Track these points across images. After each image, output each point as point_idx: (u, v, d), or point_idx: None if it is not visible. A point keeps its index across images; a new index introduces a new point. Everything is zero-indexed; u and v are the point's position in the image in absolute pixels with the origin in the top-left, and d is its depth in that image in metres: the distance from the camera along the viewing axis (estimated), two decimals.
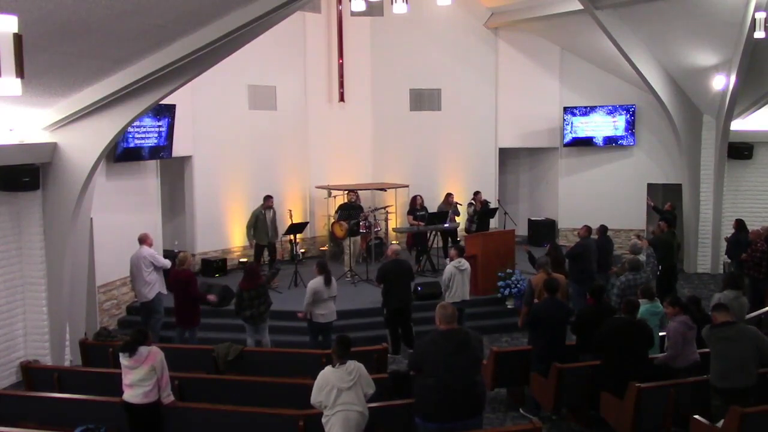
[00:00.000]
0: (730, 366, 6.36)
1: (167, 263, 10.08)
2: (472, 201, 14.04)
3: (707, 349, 7.27)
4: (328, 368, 5.86)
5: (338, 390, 5.70)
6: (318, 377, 5.85)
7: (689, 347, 7.26)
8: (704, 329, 6.71)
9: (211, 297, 9.73)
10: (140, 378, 6.31)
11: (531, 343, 8.17)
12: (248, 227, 12.91)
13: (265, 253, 13.06)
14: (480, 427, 5.84)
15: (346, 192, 13.98)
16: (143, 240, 9.98)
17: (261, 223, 12.83)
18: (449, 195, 14.01)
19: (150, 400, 6.35)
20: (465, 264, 9.91)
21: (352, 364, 5.83)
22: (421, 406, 5.62)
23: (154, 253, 10.07)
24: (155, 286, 9.92)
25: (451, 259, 10.16)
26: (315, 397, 5.80)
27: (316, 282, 9.21)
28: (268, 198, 13.00)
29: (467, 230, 13.79)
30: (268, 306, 9.39)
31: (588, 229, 11.09)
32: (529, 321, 7.97)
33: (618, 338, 7.01)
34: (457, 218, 13.91)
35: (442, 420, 5.55)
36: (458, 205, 13.93)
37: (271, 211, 13.02)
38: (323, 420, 5.77)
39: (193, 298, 9.45)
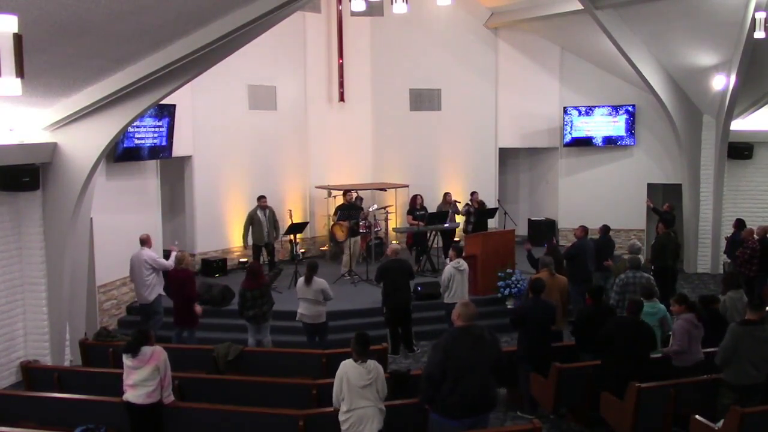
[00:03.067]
0: (754, 364, 6.42)
1: (169, 264, 9.88)
2: (468, 202, 14.04)
3: (712, 349, 7.30)
4: (349, 361, 5.90)
5: (354, 387, 5.75)
6: (338, 370, 5.90)
7: (694, 346, 7.26)
8: (734, 325, 6.63)
9: (198, 309, 9.62)
10: (144, 378, 6.32)
11: (517, 343, 8.15)
12: (244, 229, 12.91)
13: (264, 253, 13.05)
14: (487, 424, 5.90)
15: (344, 192, 13.95)
16: (144, 241, 9.95)
17: (256, 224, 12.82)
18: (447, 194, 14.00)
19: (153, 401, 6.35)
20: (464, 265, 9.93)
21: (372, 364, 5.90)
22: (441, 404, 5.63)
23: (155, 256, 10.03)
24: (155, 288, 9.88)
25: (450, 260, 10.17)
26: (336, 392, 5.87)
27: (299, 280, 9.39)
28: (261, 198, 12.98)
29: (465, 230, 13.79)
30: (271, 306, 9.40)
31: (584, 229, 11.06)
32: (514, 320, 7.97)
33: (619, 338, 7.00)
34: (457, 217, 13.90)
35: (458, 417, 5.58)
36: (457, 203, 13.92)
37: (267, 210, 13.00)
38: (341, 418, 5.81)
39: (189, 297, 9.42)
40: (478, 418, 5.68)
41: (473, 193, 14.13)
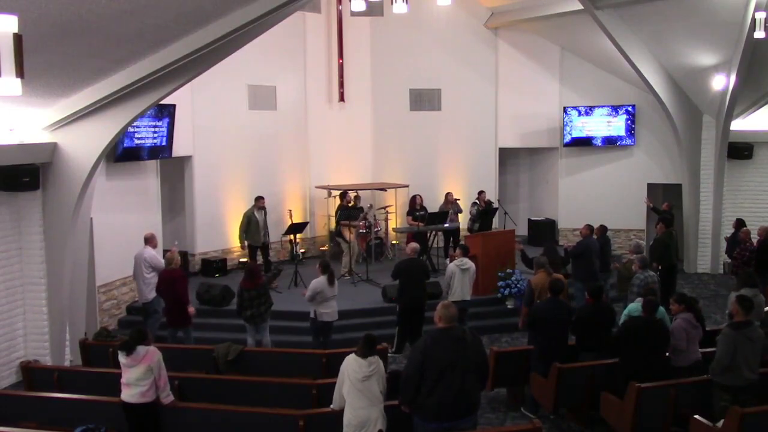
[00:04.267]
0: (746, 365, 6.44)
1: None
2: (476, 200, 14.05)
3: (709, 349, 7.30)
4: (351, 355, 5.97)
5: (354, 380, 5.81)
6: (342, 365, 5.97)
7: (692, 346, 7.27)
8: (727, 330, 6.64)
9: (191, 310, 9.58)
10: (137, 377, 6.32)
11: (531, 343, 8.17)
12: (240, 230, 12.89)
13: (259, 253, 13.04)
14: (475, 425, 5.86)
15: (341, 194, 13.90)
16: (148, 240, 9.94)
17: (254, 225, 12.80)
18: (449, 194, 13.99)
19: (146, 400, 6.35)
20: (468, 263, 9.89)
21: (374, 358, 5.98)
22: (422, 406, 5.63)
23: (155, 255, 9.97)
24: (155, 287, 9.89)
25: (452, 259, 10.16)
26: (337, 386, 5.95)
27: (319, 282, 9.22)
28: (259, 199, 12.97)
29: (470, 230, 13.78)
30: (269, 306, 9.39)
31: (589, 228, 11.09)
32: (530, 320, 7.97)
33: (638, 338, 7.00)
34: (460, 216, 13.89)
35: (441, 420, 5.56)
36: (457, 201, 13.92)
37: (263, 211, 13.00)
38: (345, 420, 5.84)
39: (180, 298, 9.34)
40: (459, 422, 5.62)
41: (481, 192, 14.13)
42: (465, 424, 5.67)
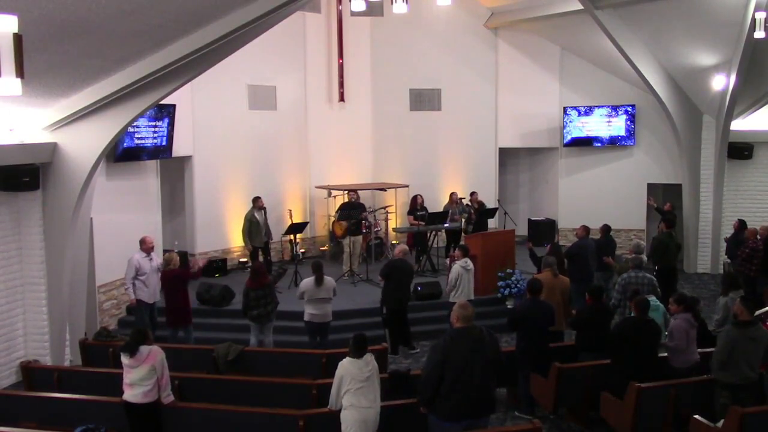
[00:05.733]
0: (746, 364, 6.47)
1: (126, 281, 9.75)
2: (469, 202, 14.04)
3: (708, 350, 7.31)
4: (346, 359, 5.98)
5: (356, 382, 5.83)
6: (337, 369, 5.98)
7: (692, 345, 7.27)
8: (729, 327, 6.68)
9: (200, 262, 9.62)
10: (140, 377, 6.32)
11: (516, 344, 8.14)
12: (243, 233, 12.84)
13: (260, 253, 13.03)
14: (487, 426, 5.90)
15: (347, 192, 13.96)
16: (140, 243, 9.89)
17: (254, 226, 12.77)
18: (453, 194, 14.00)
19: (149, 400, 6.36)
20: (470, 264, 9.97)
21: (369, 356, 6.03)
22: (440, 406, 5.64)
23: (133, 260, 9.72)
24: (137, 291, 9.68)
25: (452, 259, 10.18)
26: (334, 392, 5.96)
27: (306, 282, 9.31)
28: (257, 199, 12.94)
29: (465, 230, 13.80)
30: (275, 305, 9.41)
31: (585, 229, 11.07)
32: (512, 321, 7.92)
33: (633, 338, 7.01)
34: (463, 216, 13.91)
35: (459, 419, 5.59)
36: (462, 200, 13.92)
37: (263, 211, 12.99)
38: (341, 415, 5.86)
39: (185, 289, 9.43)
40: (477, 421, 5.65)
41: (473, 193, 14.15)
42: (480, 423, 5.71)
